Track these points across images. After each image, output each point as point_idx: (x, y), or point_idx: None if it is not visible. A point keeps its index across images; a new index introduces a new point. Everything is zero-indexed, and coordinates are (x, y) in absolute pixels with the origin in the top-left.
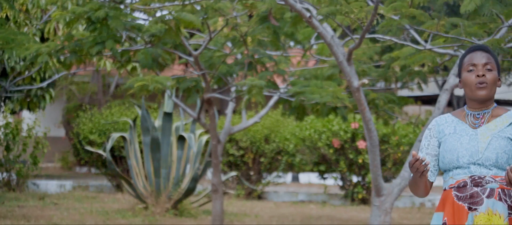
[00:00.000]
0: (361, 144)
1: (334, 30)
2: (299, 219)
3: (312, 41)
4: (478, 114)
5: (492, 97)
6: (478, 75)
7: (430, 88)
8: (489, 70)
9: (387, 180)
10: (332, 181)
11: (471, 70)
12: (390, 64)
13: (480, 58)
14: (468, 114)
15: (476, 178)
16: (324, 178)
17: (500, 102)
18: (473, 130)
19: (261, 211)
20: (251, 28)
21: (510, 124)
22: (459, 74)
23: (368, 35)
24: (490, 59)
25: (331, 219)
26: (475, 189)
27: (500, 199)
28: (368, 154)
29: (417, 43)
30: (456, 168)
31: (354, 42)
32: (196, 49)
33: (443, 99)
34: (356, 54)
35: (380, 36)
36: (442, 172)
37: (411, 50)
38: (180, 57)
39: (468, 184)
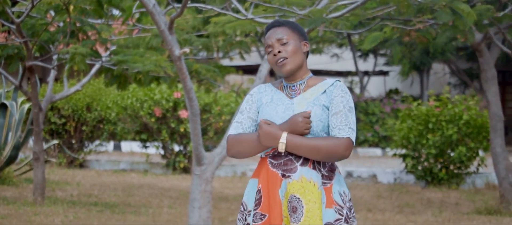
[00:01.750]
0: (183, 113)
1: (159, 2)
2: (120, 188)
3: (134, 9)
4: (294, 86)
5: (301, 67)
6: (274, 54)
7: (252, 58)
8: (285, 44)
9: (208, 149)
10: (154, 150)
11: (269, 51)
12: (215, 35)
13: (273, 36)
14: (285, 86)
15: None
16: (146, 147)
17: (322, 73)
18: (290, 99)
19: (83, 179)
20: None
21: (325, 91)
22: None
23: (191, 4)
24: (283, 32)
25: (153, 188)
26: (290, 156)
27: (314, 168)
28: (189, 123)
29: (240, 13)
30: None
31: (176, 11)
32: (18, 17)
33: (264, 69)
34: (179, 23)
35: (202, 5)
36: None
37: (232, 19)
38: (2, 25)
39: (283, 151)
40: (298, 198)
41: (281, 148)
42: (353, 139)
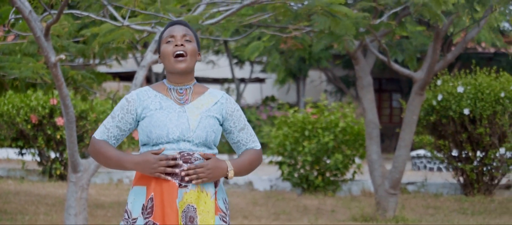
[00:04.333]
0: (59, 120)
1: (35, 7)
2: None
3: (11, 15)
4: (181, 89)
5: (192, 71)
6: (176, 45)
7: (128, 65)
8: (188, 41)
9: (84, 156)
10: (30, 157)
11: (169, 41)
12: (92, 42)
13: (178, 30)
14: (170, 88)
15: (185, 154)
16: (22, 154)
17: (199, 80)
18: (180, 106)
19: None
20: None
21: (216, 103)
22: (158, 49)
23: (67, 11)
24: (188, 32)
25: (29, 195)
26: (185, 166)
27: None
28: (65, 130)
29: (116, 20)
30: (166, 143)
31: (52, 17)
32: None
33: (140, 75)
34: (55, 29)
35: (79, 12)
36: (141, 145)
37: (111, 27)
38: None
39: (178, 160)
40: (194, 208)
41: (231, 175)
42: None
